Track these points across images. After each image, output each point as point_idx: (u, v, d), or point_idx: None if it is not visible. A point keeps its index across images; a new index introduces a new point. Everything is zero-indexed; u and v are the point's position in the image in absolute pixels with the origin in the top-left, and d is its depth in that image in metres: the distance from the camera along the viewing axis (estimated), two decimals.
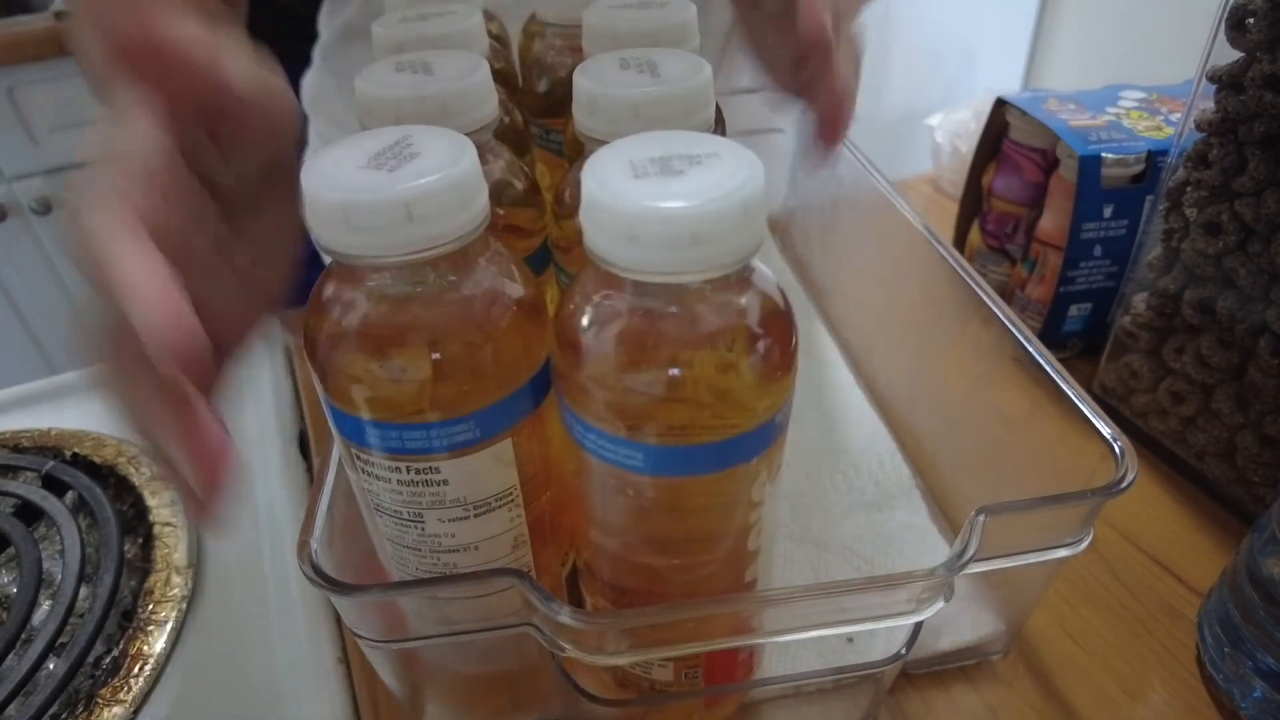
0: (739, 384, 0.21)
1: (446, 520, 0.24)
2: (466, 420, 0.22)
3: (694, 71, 0.25)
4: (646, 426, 0.21)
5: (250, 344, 0.26)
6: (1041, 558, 0.27)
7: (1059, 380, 0.29)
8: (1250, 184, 0.34)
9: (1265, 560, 0.28)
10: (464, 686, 0.31)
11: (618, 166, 0.20)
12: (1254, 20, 0.33)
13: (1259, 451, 0.36)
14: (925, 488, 0.40)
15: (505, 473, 0.24)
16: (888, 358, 0.47)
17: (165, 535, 0.39)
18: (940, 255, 0.37)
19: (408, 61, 0.26)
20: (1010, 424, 0.33)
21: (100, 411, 0.22)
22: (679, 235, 0.18)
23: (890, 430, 0.43)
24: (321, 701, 0.33)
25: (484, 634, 0.25)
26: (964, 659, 0.33)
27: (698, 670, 0.27)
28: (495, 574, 0.23)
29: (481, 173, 0.21)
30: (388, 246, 0.20)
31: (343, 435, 0.24)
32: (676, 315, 0.20)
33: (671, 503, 0.23)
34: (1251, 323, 0.35)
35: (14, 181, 1.26)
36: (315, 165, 0.20)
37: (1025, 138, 0.49)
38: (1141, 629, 0.34)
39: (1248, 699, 0.29)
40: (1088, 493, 0.25)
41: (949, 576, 0.24)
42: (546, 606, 0.23)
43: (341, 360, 0.22)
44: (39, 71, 1.19)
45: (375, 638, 0.25)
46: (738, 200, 0.18)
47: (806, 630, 0.25)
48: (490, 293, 0.22)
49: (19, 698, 0.32)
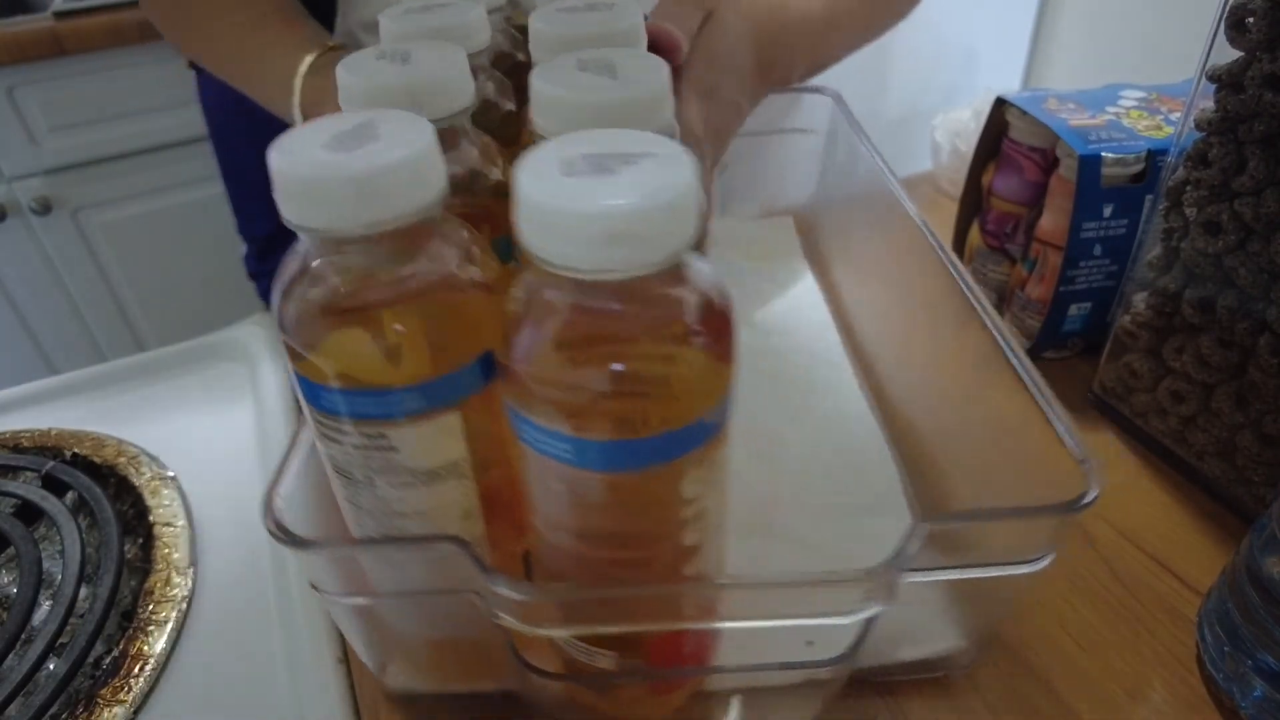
0: (662, 382, 0.21)
1: (396, 485, 0.25)
2: (412, 391, 0.23)
3: (652, 72, 0.25)
4: (572, 419, 0.21)
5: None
6: (995, 572, 0.26)
7: (1035, 392, 0.29)
8: (1250, 183, 0.34)
9: (1265, 559, 0.28)
10: (424, 650, 0.32)
11: (551, 163, 0.20)
12: (1254, 20, 0.33)
13: (1259, 451, 0.36)
14: (916, 493, 0.39)
15: (453, 444, 0.25)
16: (891, 360, 0.47)
17: (165, 535, 0.39)
18: (937, 257, 0.37)
19: (390, 51, 0.27)
20: (1003, 431, 0.33)
21: (100, 411, 0.22)
22: (598, 233, 0.19)
23: (886, 434, 0.43)
24: (321, 701, 0.33)
25: (434, 597, 0.26)
26: (927, 670, 0.32)
27: (641, 660, 0.28)
28: (436, 539, 0.24)
29: (438, 155, 0.22)
30: (341, 221, 0.21)
31: (304, 397, 0.25)
32: (600, 311, 0.21)
33: (603, 496, 0.23)
34: (1251, 322, 0.35)
35: (14, 181, 1.26)
36: (283, 143, 0.22)
37: (1025, 137, 0.49)
38: (1141, 629, 0.34)
39: (1248, 698, 0.29)
40: (1039, 508, 0.25)
41: (882, 579, 0.24)
42: (483, 575, 0.24)
43: (294, 325, 0.23)
44: (39, 71, 1.19)
45: (334, 592, 0.27)
46: (660, 200, 0.19)
47: (741, 621, 0.26)
48: (440, 271, 0.23)
49: (19, 698, 0.32)
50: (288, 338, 0.23)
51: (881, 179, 0.45)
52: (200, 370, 0.52)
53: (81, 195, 1.31)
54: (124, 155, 1.31)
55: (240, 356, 0.52)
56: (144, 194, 1.35)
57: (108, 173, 1.31)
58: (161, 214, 1.37)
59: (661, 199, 0.19)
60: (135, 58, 1.23)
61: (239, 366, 0.52)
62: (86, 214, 1.33)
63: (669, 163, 0.20)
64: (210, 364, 0.52)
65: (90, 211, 1.33)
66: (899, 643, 0.32)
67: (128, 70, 1.24)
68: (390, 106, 0.24)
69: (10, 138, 1.23)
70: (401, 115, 0.23)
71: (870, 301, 0.50)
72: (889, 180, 0.45)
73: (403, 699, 0.33)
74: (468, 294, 0.24)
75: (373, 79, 0.25)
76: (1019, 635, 0.34)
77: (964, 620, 0.32)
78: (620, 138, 0.21)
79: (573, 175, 0.19)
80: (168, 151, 1.32)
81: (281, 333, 0.24)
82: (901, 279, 0.46)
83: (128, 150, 1.30)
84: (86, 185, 1.30)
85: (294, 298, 0.23)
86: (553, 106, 0.25)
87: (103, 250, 1.37)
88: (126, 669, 0.33)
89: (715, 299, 0.22)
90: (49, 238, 1.32)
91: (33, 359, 1.40)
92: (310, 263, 0.23)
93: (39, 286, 1.35)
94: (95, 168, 1.30)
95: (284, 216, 0.21)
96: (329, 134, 0.22)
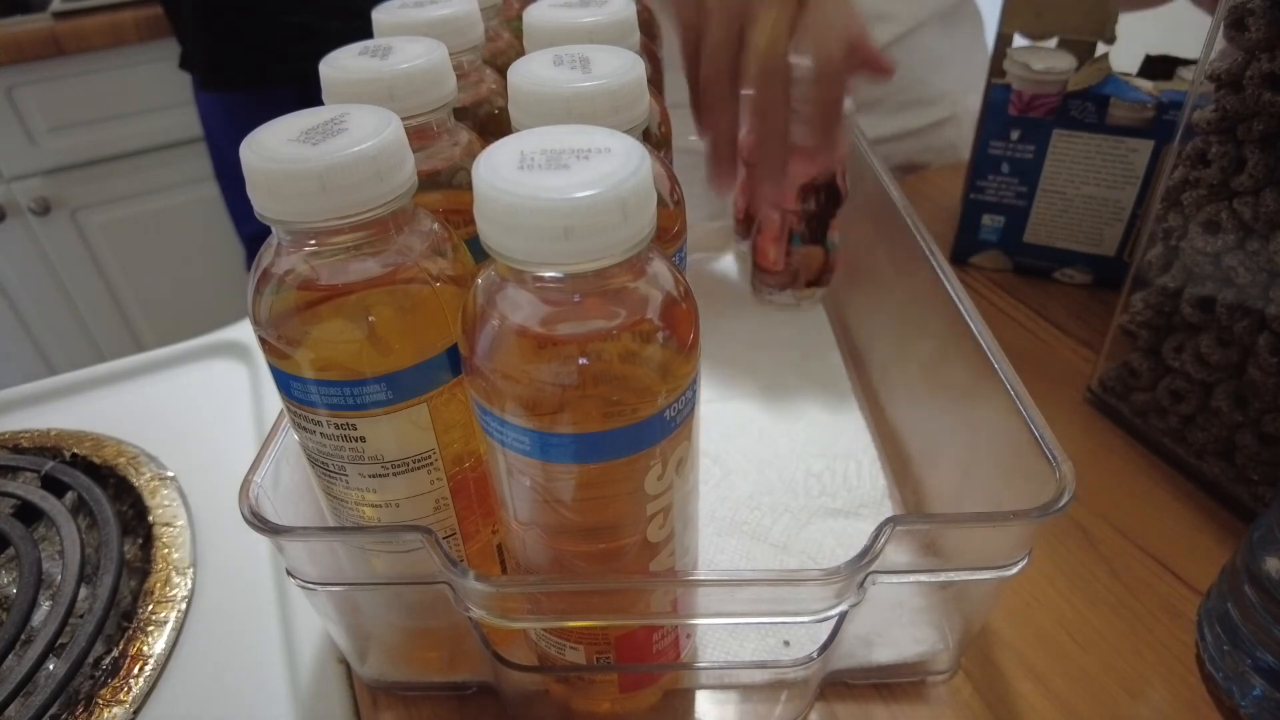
0: (623, 376, 0.21)
1: (366, 475, 0.26)
2: (378, 382, 0.24)
3: (627, 68, 0.25)
4: (533, 413, 0.21)
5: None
6: (968, 576, 0.26)
7: (1014, 396, 0.29)
8: (1249, 182, 0.34)
9: (1264, 558, 0.28)
10: (401, 640, 0.32)
11: (508, 157, 0.20)
12: (1253, 19, 0.33)
13: (1258, 449, 0.36)
14: (903, 499, 0.39)
15: (422, 436, 0.25)
16: (885, 363, 0.47)
17: (165, 536, 0.39)
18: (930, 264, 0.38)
19: (371, 46, 0.27)
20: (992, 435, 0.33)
21: (100, 411, 0.22)
22: (551, 227, 0.19)
23: (876, 438, 0.43)
24: (321, 701, 0.33)
25: (404, 587, 0.27)
26: (906, 675, 0.32)
27: (609, 655, 0.28)
28: (404, 529, 0.25)
29: (406, 149, 0.22)
30: (307, 213, 0.21)
31: (278, 387, 0.25)
32: (559, 305, 0.21)
33: (566, 489, 0.23)
34: (1251, 321, 0.35)
35: (13, 182, 1.26)
36: (254, 137, 0.22)
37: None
38: (1141, 628, 0.34)
39: (1247, 697, 0.29)
40: (1007, 513, 0.25)
41: (847, 578, 0.24)
42: (449, 567, 0.24)
43: (265, 317, 0.24)
44: (38, 71, 1.19)
45: (309, 581, 0.27)
46: (612, 195, 0.19)
47: (710, 618, 0.26)
48: (408, 263, 0.23)
49: (19, 698, 0.32)
50: (259, 329, 0.24)
51: (874, 180, 0.45)
52: (200, 370, 0.52)
53: (80, 195, 1.31)
54: (123, 155, 1.31)
55: (240, 356, 0.52)
56: (143, 194, 1.35)
57: (107, 173, 1.31)
58: (160, 214, 1.37)
59: (614, 193, 0.19)
60: (134, 58, 1.23)
61: (239, 366, 0.52)
62: (85, 214, 1.33)
63: (624, 157, 0.20)
64: (210, 364, 0.52)
65: (89, 211, 1.33)
66: (888, 644, 0.32)
67: (127, 70, 1.24)
68: (370, 101, 0.24)
69: (9, 138, 1.23)
70: (372, 110, 0.23)
71: (869, 305, 0.50)
72: (883, 179, 0.45)
73: (403, 700, 0.33)
74: (436, 287, 0.24)
75: (351, 73, 0.26)
76: (1019, 635, 0.34)
77: (945, 624, 0.32)
78: (579, 133, 0.21)
79: (527, 169, 0.20)
80: (167, 151, 1.32)
81: (254, 324, 0.24)
82: (894, 279, 0.46)
83: (127, 150, 1.30)
84: (85, 185, 1.30)
85: (264, 289, 0.23)
86: (524, 100, 0.25)
87: (102, 250, 1.37)
88: (126, 669, 0.33)
89: (676, 293, 0.22)
90: (48, 238, 1.32)
91: (32, 359, 1.40)
92: (281, 255, 0.23)
93: (38, 287, 1.35)
94: (94, 168, 1.30)
95: (255, 209, 0.22)
96: (299, 128, 0.22)
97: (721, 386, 0.47)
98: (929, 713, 0.31)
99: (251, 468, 0.27)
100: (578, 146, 0.20)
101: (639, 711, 0.32)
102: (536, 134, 0.21)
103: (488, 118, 0.33)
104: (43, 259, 1.33)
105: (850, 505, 0.39)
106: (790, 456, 0.42)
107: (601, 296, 0.21)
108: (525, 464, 0.23)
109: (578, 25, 0.30)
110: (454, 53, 0.29)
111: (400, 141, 0.22)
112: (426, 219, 0.25)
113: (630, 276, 0.21)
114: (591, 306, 0.21)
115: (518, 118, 0.25)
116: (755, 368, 0.49)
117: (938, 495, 0.37)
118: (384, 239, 0.23)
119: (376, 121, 0.22)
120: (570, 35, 0.30)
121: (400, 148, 0.22)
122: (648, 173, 0.20)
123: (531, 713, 0.32)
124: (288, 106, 0.24)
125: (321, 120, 0.23)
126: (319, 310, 0.23)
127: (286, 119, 0.23)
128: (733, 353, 0.50)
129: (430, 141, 0.27)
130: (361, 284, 0.23)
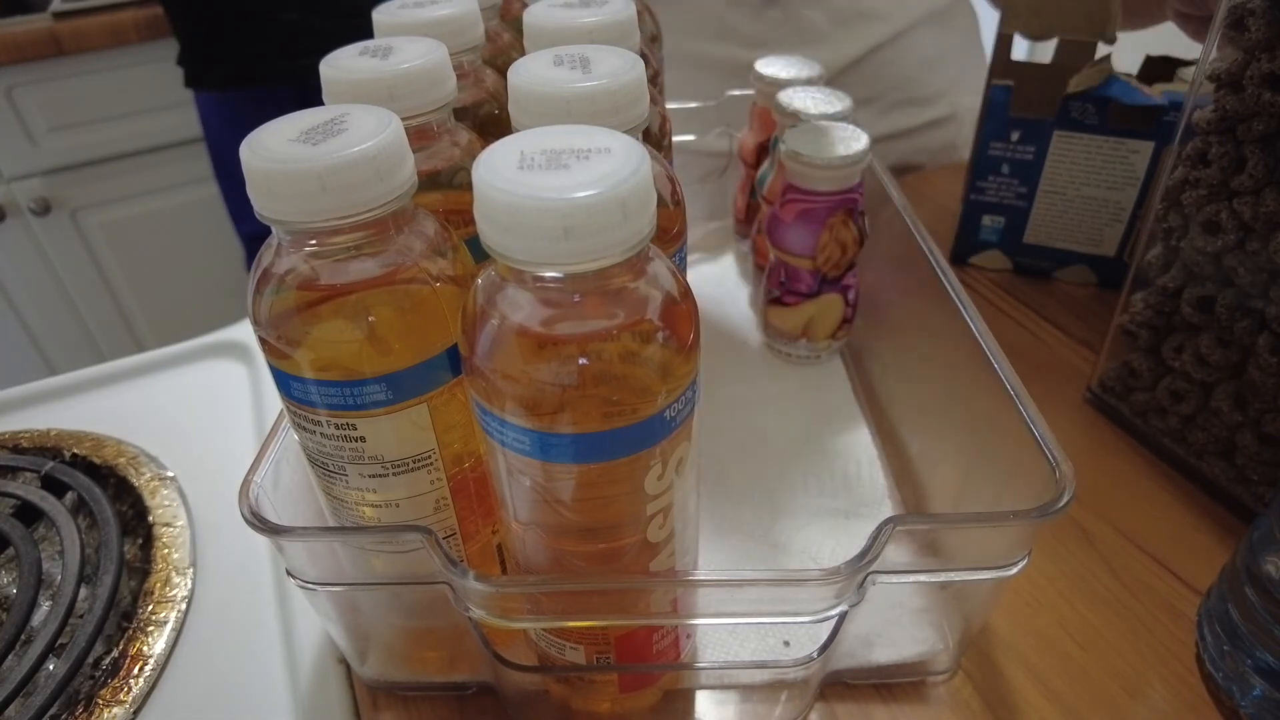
0: (622, 377, 0.21)
1: (366, 476, 0.26)
2: (378, 382, 0.24)
3: (627, 68, 0.25)
4: (532, 414, 0.21)
5: None
6: (967, 576, 0.26)
7: (1014, 397, 0.29)
8: (1249, 182, 0.34)
9: (1264, 558, 0.28)
10: (401, 640, 0.32)
11: (508, 157, 0.20)
12: (1253, 19, 0.33)
13: (1258, 450, 0.36)
14: (903, 499, 0.39)
15: (422, 436, 0.25)
16: (885, 363, 0.47)
17: (165, 536, 0.39)
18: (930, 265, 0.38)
19: (371, 46, 0.27)
20: (993, 436, 0.33)
21: (99, 411, 0.22)
22: (550, 227, 0.19)
23: (876, 438, 0.43)
24: (321, 701, 0.33)
25: (404, 587, 0.27)
26: (906, 675, 0.32)
27: (609, 655, 0.28)
28: (404, 529, 0.25)
29: (405, 149, 0.22)
30: (305, 213, 0.21)
31: (278, 387, 0.25)
32: (559, 305, 0.21)
33: (564, 489, 0.23)
34: (1251, 321, 0.36)
35: (12, 182, 1.26)
36: (255, 137, 0.22)
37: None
38: (1141, 628, 0.34)
39: (1247, 697, 0.29)
40: (1005, 514, 0.25)
41: (846, 579, 0.24)
42: (449, 567, 0.24)
43: (264, 316, 0.24)
44: (38, 71, 1.19)
45: (309, 581, 0.27)
46: (612, 195, 0.19)
47: (708, 618, 0.26)
48: (408, 263, 0.23)
49: (19, 698, 0.32)
50: (259, 329, 0.24)
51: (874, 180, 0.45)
52: (200, 370, 0.52)
53: (80, 195, 1.31)
54: (123, 155, 1.31)
55: (240, 356, 0.52)
56: (143, 194, 1.35)
57: (106, 173, 1.31)
58: (160, 214, 1.37)
59: (614, 193, 0.19)
60: (134, 58, 1.23)
61: (239, 366, 0.52)
62: (85, 214, 1.33)
63: (624, 157, 0.20)
64: (210, 364, 0.52)
65: (89, 212, 1.33)
66: (888, 644, 0.32)
67: (126, 70, 1.24)
68: (370, 101, 0.24)
69: (9, 138, 1.23)
70: (372, 110, 0.23)
71: (872, 305, 0.50)
72: (883, 179, 0.45)
73: (403, 700, 0.33)
74: (436, 287, 0.24)
75: (351, 73, 0.26)
76: (1019, 635, 0.34)
77: (944, 624, 0.32)
78: (579, 133, 0.21)
79: (527, 169, 0.20)
80: (166, 151, 1.33)
81: (254, 325, 0.24)
82: (897, 281, 0.46)
83: (126, 150, 1.30)
84: (85, 185, 1.31)
85: (264, 290, 0.23)
86: (524, 100, 0.25)
87: (102, 250, 1.37)
88: (126, 669, 0.33)
89: (676, 292, 0.22)
90: (48, 238, 1.32)
91: (32, 359, 1.40)
92: (281, 255, 0.23)
93: (38, 287, 1.35)
94: (94, 168, 1.30)
95: (255, 209, 0.22)
96: (299, 128, 0.22)
97: (721, 387, 0.47)
98: (929, 713, 0.31)
99: (251, 468, 0.27)
100: (578, 146, 0.20)
101: (639, 711, 0.32)
102: (536, 134, 0.21)
103: (488, 118, 0.33)
104: (43, 259, 1.33)
105: (850, 505, 0.39)
106: (790, 456, 0.42)
107: (601, 296, 0.21)
108: (525, 464, 0.23)
109: (578, 25, 0.30)
110: (454, 53, 0.29)
111: (400, 141, 0.22)
112: (426, 219, 0.25)
113: (630, 276, 0.21)
114: (591, 306, 0.21)
115: (518, 118, 0.25)
116: (755, 367, 0.49)
117: (938, 495, 0.37)
118: (384, 239, 0.23)
119: (376, 121, 0.22)
120: (570, 35, 0.30)
121: (400, 148, 0.22)
122: (648, 173, 0.20)
123: (531, 713, 0.32)
124: (287, 106, 0.24)
125: (321, 120, 0.23)
126: (319, 310, 0.23)
127: (286, 119, 0.23)
128: (732, 352, 0.50)
129: (430, 141, 0.27)
130: (361, 284, 0.23)
